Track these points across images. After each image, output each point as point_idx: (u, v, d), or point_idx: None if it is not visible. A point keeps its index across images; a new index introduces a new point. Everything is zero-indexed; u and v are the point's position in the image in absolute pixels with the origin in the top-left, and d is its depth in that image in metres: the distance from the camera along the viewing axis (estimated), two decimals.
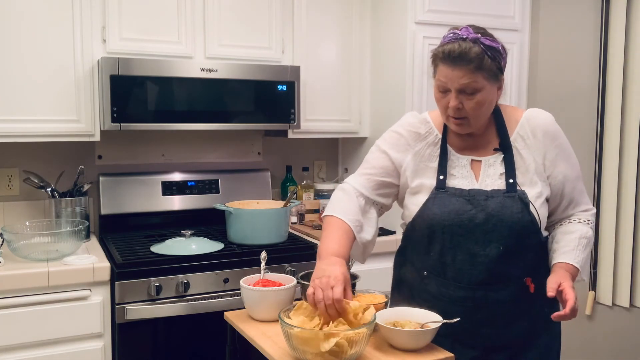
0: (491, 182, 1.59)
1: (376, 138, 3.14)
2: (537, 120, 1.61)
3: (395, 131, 1.72)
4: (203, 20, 2.62)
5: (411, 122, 1.70)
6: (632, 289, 2.92)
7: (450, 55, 1.48)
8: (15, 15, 2.31)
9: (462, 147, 1.64)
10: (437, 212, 1.58)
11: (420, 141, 1.67)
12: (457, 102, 1.51)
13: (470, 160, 1.63)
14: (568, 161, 1.63)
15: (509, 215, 1.54)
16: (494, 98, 1.56)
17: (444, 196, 1.59)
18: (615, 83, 2.88)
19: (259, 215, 2.55)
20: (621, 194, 2.90)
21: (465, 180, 1.60)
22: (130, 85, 2.41)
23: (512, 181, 1.56)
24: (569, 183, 1.63)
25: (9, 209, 2.67)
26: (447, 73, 1.50)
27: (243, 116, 2.64)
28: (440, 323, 1.46)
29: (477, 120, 1.56)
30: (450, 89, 1.51)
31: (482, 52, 1.48)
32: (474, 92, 1.50)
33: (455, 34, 1.52)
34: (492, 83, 1.52)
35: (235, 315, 1.69)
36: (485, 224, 1.54)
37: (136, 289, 2.22)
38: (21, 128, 2.36)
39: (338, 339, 1.30)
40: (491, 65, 1.49)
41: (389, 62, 2.84)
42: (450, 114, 1.54)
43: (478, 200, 1.56)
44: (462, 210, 1.56)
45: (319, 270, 1.47)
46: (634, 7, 2.81)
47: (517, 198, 1.55)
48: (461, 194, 1.58)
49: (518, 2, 2.87)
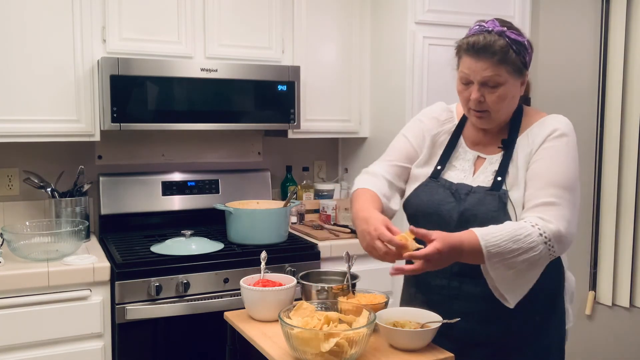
0: (483, 178, 1.58)
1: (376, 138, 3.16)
2: (548, 122, 1.56)
3: (417, 118, 1.76)
4: (203, 20, 2.62)
5: (434, 109, 1.75)
6: (632, 289, 2.92)
7: (475, 46, 1.48)
8: (16, 16, 2.31)
9: (475, 142, 1.65)
10: (424, 199, 1.62)
11: (438, 127, 1.70)
12: (478, 94, 1.50)
13: (476, 156, 1.63)
14: (553, 164, 1.49)
15: (483, 212, 1.52)
16: (517, 93, 1.54)
17: (433, 185, 1.63)
18: (615, 83, 2.88)
19: (259, 215, 2.55)
20: (621, 194, 2.90)
21: (462, 174, 1.62)
22: (130, 85, 2.41)
23: (499, 179, 1.54)
24: (537, 182, 1.48)
25: (9, 209, 2.67)
26: (471, 65, 1.50)
27: (243, 116, 2.64)
28: (440, 323, 1.47)
29: (498, 114, 1.54)
30: (473, 81, 1.51)
31: (507, 45, 1.47)
32: (496, 85, 1.49)
33: (481, 26, 1.52)
34: (516, 78, 1.51)
35: (235, 315, 1.69)
36: (459, 218, 1.55)
37: (136, 289, 2.22)
38: (21, 128, 2.36)
39: (338, 339, 1.30)
40: (515, 59, 1.48)
41: (389, 62, 2.84)
42: (472, 106, 1.54)
43: (459, 194, 1.57)
44: (444, 202, 1.59)
45: (360, 234, 1.50)
46: (634, 7, 2.81)
47: (497, 196, 1.52)
48: (449, 186, 1.60)
49: (518, 2, 2.87)
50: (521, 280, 1.45)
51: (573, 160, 1.51)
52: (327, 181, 3.29)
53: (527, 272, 1.44)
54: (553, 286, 1.60)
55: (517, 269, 1.42)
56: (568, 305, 1.66)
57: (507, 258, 1.40)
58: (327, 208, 2.96)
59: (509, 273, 1.43)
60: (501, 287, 1.45)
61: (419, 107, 2.71)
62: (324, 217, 2.97)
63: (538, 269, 1.45)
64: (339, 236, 2.70)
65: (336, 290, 1.64)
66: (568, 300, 1.66)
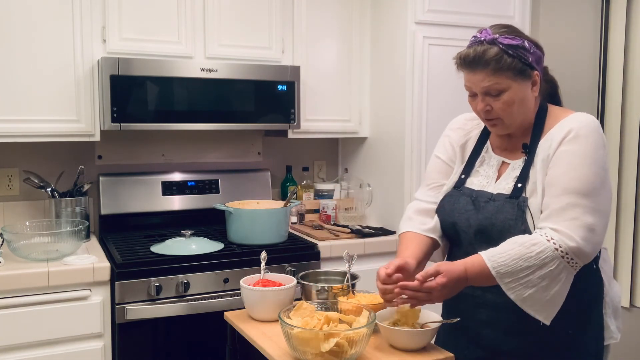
0: (505, 184, 1.55)
1: (376, 138, 3.16)
2: (571, 123, 1.47)
3: (444, 134, 1.77)
4: (203, 20, 2.62)
5: (458, 120, 1.76)
6: (632, 289, 2.91)
7: (466, 60, 1.50)
8: (15, 16, 2.31)
9: (500, 148, 1.63)
10: (447, 209, 1.63)
11: (465, 136, 1.71)
12: (483, 104, 1.51)
13: (501, 162, 1.61)
14: (569, 169, 1.43)
15: (501, 221, 1.49)
16: (527, 95, 1.51)
17: (456, 194, 1.62)
18: (615, 83, 2.88)
19: (259, 215, 2.55)
20: (621, 194, 2.90)
21: (485, 180, 1.60)
22: (130, 85, 2.41)
23: (520, 185, 1.51)
24: (553, 189, 1.43)
25: (9, 209, 2.67)
26: (469, 78, 1.51)
27: (243, 116, 2.64)
28: (440, 323, 1.47)
29: (511, 119, 1.52)
30: (477, 93, 1.51)
31: (499, 51, 1.46)
32: (498, 93, 1.48)
33: (474, 38, 1.52)
34: (521, 81, 1.49)
35: (235, 315, 1.69)
36: (478, 226, 1.54)
37: (136, 289, 2.22)
38: (21, 128, 2.36)
39: (338, 339, 1.30)
40: (512, 63, 1.46)
41: (389, 62, 2.84)
42: (482, 116, 1.55)
43: (479, 202, 1.56)
44: (464, 210, 1.58)
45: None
46: (634, 7, 2.81)
47: (516, 204, 1.49)
48: (470, 194, 1.59)
49: (518, 2, 2.87)
50: (546, 296, 1.39)
51: (593, 162, 1.42)
52: (327, 181, 3.29)
53: (550, 288, 1.39)
54: (588, 298, 1.52)
55: (537, 286, 1.38)
56: (610, 320, 1.57)
57: (521, 277, 1.38)
58: (327, 208, 2.96)
59: (530, 292, 1.39)
60: (526, 308, 1.41)
61: (419, 107, 2.71)
62: (324, 217, 2.97)
63: (563, 283, 1.40)
64: (339, 236, 2.70)
65: (336, 290, 1.64)
66: (610, 315, 1.57)
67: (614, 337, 1.59)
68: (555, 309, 1.41)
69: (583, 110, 1.57)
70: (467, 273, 1.41)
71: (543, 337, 1.49)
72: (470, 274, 1.41)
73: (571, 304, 1.44)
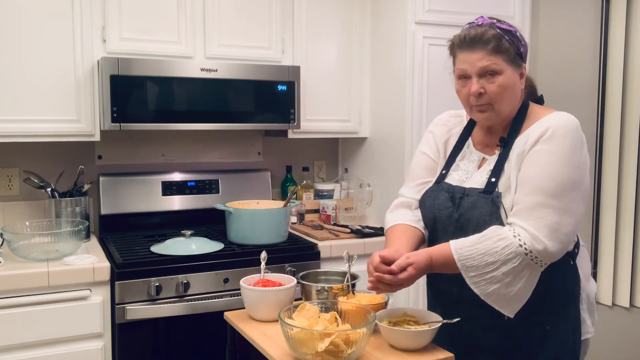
0: (479, 178, 1.56)
1: (376, 138, 3.16)
2: (550, 121, 1.47)
3: (428, 130, 1.78)
4: (203, 20, 2.62)
5: (442, 117, 1.78)
6: (632, 289, 2.92)
7: (467, 38, 1.51)
8: (15, 16, 2.31)
9: (482, 144, 1.64)
10: (427, 205, 1.65)
11: (447, 133, 1.72)
12: (478, 86, 1.50)
13: (481, 157, 1.62)
14: (542, 168, 1.43)
15: (477, 216, 1.50)
16: (517, 85, 1.52)
17: (436, 190, 1.64)
18: (615, 83, 2.88)
19: (259, 215, 2.55)
20: (621, 194, 2.90)
21: (464, 176, 1.61)
22: (130, 85, 2.41)
23: (493, 180, 1.51)
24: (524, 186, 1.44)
25: (9, 209, 2.67)
26: (466, 58, 1.51)
27: (243, 116, 2.64)
28: (440, 323, 1.47)
29: (501, 105, 1.51)
30: (471, 75, 1.51)
31: (499, 34, 1.49)
32: (494, 73, 1.49)
33: (470, 24, 1.55)
34: (513, 68, 1.51)
35: (235, 315, 1.69)
36: (457, 222, 1.56)
37: (136, 289, 2.22)
38: (21, 128, 2.36)
39: (333, 339, 1.30)
40: (510, 48, 1.49)
41: (389, 62, 2.84)
42: (473, 102, 1.52)
43: (455, 197, 1.57)
44: (443, 206, 1.60)
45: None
46: (634, 7, 2.81)
47: (490, 200, 1.49)
48: (448, 189, 1.61)
49: (518, 2, 2.86)
50: (510, 292, 1.42)
51: (567, 162, 1.42)
52: (327, 181, 3.29)
53: (513, 284, 1.41)
54: (564, 295, 1.53)
55: (501, 282, 1.41)
56: (585, 315, 1.60)
57: (485, 272, 1.41)
58: (327, 208, 2.96)
59: (493, 288, 1.42)
60: (491, 302, 1.44)
61: (419, 107, 2.71)
62: (324, 217, 2.97)
63: (527, 279, 1.41)
64: (339, 236, 2.70)
65: (336, 290, 1.64)
66: (585, 310, 1.59)
67: (590, 332, 1.63)
68: (519, 303, 1.44)
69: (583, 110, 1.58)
70: (433, 262, 1.47)
71: (521, 332, 1.52)
72: (436, 262, 1.47)
73: (548, 299, 1.48)
